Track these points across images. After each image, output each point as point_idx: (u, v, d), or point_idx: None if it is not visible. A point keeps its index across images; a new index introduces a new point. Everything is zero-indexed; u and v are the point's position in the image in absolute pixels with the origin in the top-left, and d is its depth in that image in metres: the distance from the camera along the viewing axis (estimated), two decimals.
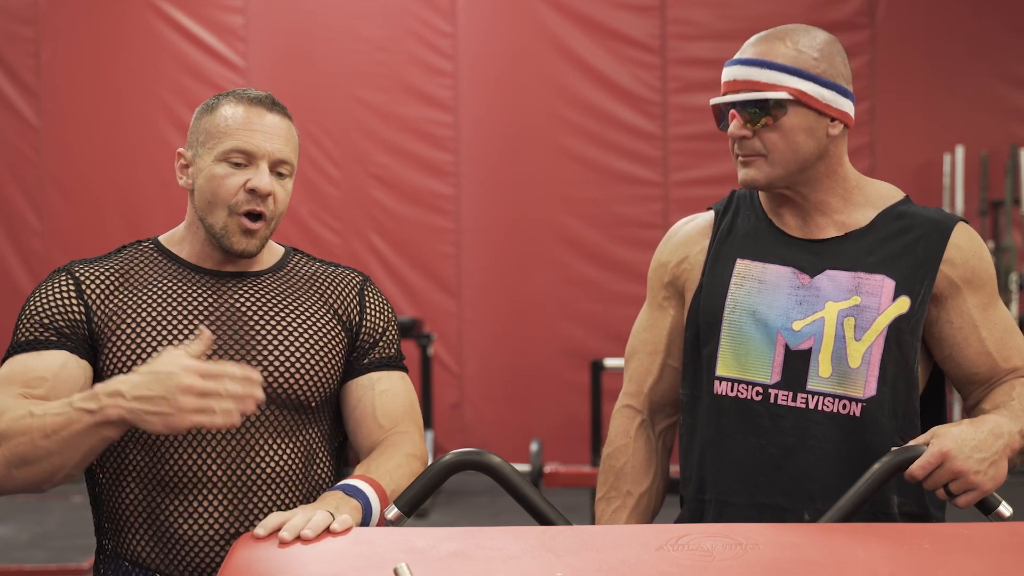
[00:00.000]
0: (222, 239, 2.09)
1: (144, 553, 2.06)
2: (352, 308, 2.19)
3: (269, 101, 2.12)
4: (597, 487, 2.32)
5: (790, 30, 2.14)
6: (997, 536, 1.78)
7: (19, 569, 5.36)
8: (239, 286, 2.13)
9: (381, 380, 2.17)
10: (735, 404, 2.16)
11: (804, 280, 2.15)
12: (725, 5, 7.67)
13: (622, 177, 7.73)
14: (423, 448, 2.13)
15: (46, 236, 7.84)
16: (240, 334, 2.08)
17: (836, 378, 2.12)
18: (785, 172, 2.13)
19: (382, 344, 2.20)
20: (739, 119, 2.11)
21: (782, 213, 2.20)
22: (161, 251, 2.16)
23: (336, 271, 2.23)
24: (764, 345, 2.15)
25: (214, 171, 2.07)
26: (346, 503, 1.87)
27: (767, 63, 2.10)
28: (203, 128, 2.10)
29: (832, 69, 2.12)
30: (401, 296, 7.75)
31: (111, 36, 7.79)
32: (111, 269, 2.12)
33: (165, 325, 2.06)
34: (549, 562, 1.67)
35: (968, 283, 2.14)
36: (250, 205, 2.07)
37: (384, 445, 2.10)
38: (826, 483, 2.11)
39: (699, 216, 2.32)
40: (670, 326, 2.29)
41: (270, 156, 2.08)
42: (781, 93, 2.08)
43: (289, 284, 2.17)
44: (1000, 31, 7.72)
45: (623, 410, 2.33)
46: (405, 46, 7.76)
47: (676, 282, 2.28)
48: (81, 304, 2.06)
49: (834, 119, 2.12)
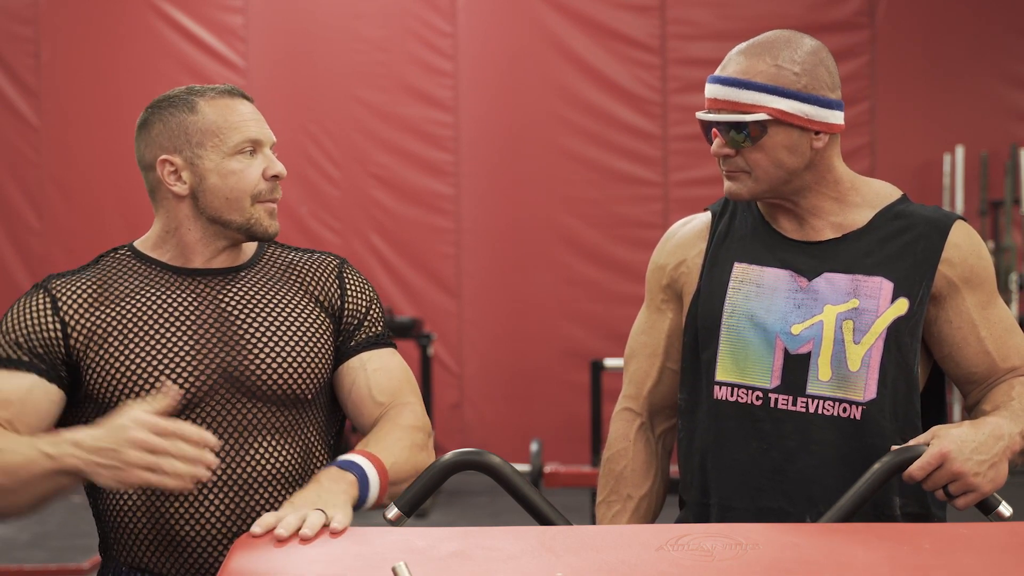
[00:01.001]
0: (252, 228, 2.09)
1: (145, 556, 2.05)
2: (332, 292, 2.18)
3: (236, 91, 2.14)
4: (597, 491, 2.32)
5: (772, 42, 2.12)
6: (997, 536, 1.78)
7: (19, 569, 5.36)
8: (221, 285, 2.11)
9: (372, 359, 2.16)
10: (735, 409, 2.16)
11: (802, 283, 2.15)
12: (725, 5, 7.67)
13: (622, 177, 7.73)
14: (422, 416, 2.12)
15: (46, 236, 7.84)
16: (228, 334, 2.07)
17: (836, 381, 2.12)
18: (769, 186, 2.13)
19: (367, 323, 2.19)
20: (721, 139, 2.12)
21: (778, 216, 2.20)
22: (139, 257, 2.14)
23: (312, 256, 2.22)
24: (763, 349, 2.15)
25: (229, 167, 2.07)
26: (342, 477, 1.88)
27: (745, 83, 2.08)
28: (193, 128, 2.07)
29: (815, 82, 2.09)
30: (401, 296, 7.75)
31: (111, 36, 7.79)
32: (89, 282, 2.09)
33: (151, 335, 2.04)
34: (549, 562, 1.66)
35: (967, 282, 2.13)
36: (272, 193, 2.11)
37: (383, 419, 2.09)
38: (828, 486, 2.11)
39: (696, 218, 2.32)
40: (668, 328, 2.29)
41: (270, 141, 2.12)
42: (760, 115, 2.07)
43: (269, 277, 2.16)
44: (1000, 31, 7.72)
45: (622, 413, 2.33)
46: (405, 46, 7.76)
47: (674, 285, 2.28)
48: (58, 323, 2.04)
49: (819, 132, 2.11)
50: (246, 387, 2.05)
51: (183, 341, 2.04)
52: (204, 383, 2.03)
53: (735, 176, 2.13)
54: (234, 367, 2.05)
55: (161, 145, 2.10)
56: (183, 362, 2.03)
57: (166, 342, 2.04)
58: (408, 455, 2.02)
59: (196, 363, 2.04)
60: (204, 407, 2.03)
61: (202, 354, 2.05)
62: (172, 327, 2.06)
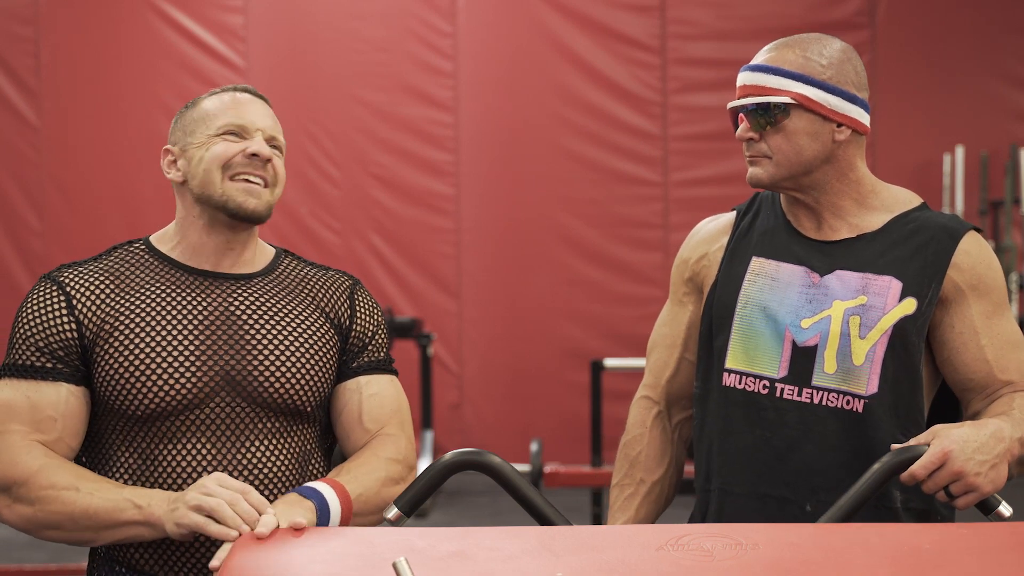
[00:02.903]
0: (227, 204, 2.07)
1: (140, 557, 2.05)
2: (343, 311, 2.18)
3: (248, 89, 2.17)
4: (613, 474, 2.39)
5: (803, 39, 2.22)
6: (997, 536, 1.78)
7: (19, 569, 5.36)
8: (232, 288, 2.12)
9: (369, 384, 2.17)
10: (742, 396, 2.22)
11: (815, 279, 2.20)
12: (725, 5, 7.67)
13: (622, 177, 7.73)
14: (407, 451, 2.12)
15: (46, 236, 7.84)
16: (235, 339, 2.07)
17: (840, 375, 2.16)
18: (789, 173, 2.19)
19: (371, 348, 2.19)
20: (746, 122, 2.20)
21: (798, 215, 2.26)
22: (153, 252, 2.14)
23: (327, 274, 2.23)
24: (773, 340, 2.20)
25: (211, 147, 2.09)
26: (299, 504, 1.88)
27: (774, 69, 2.18)
28: (189, 120, 2.13)
29: (840, 76, 2.17)
30: (401, 296, 7.75)
31: (111, 36, 7.79)
32: (102, 273, 2.10)
33: (159, 331, 2.05)
34: (549, 562, 1.67)
35: (974, 289, 2.16)
36: (246, 167, 2.08)
37: (365, 448, 2.10)
38: (829, 476, 2.15)
39: (722, 216, 2.39)
40: (688, 321, 2.35)
41: (264, 131, 2.12)
42: (784, 97, 2.16)
43: (282, 287, 2.16)
44: (1000, 31, 7.73)
45: (640, 401, 2.39)
46: (405, 46, 7.76)
47: (695, 278, 2.35)
48: (72, 321, 2.04)
49: (841, 125, 2.17)
50: (247, 392, 2.05)
51: (189, 341, 2.05)
52: (207, 384, 2.03)
53: (757, 161, 2.21)
54: (237, 371, 2.05)
55: (169, 140, 2.17)
56: (187, 362, 2.03)
57: (172, 340, 2.04)
58: (379, 488, 2.02)
59: (200, 363, 2.04)
60: (204, 408, 2.03)
61: (207, 355, 2.05)
62: (180, 326, 2.06)
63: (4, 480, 1.97)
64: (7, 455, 1.98)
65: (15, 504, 1.97)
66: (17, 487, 1.96)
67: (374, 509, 2.01)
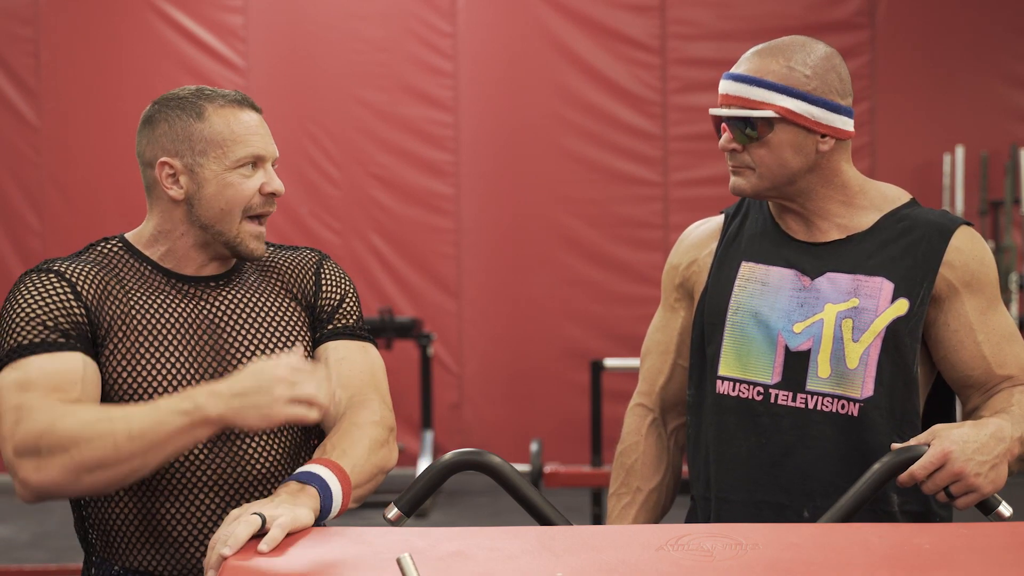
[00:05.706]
0: (237, 246, 2.08)
1: (137, 557, 2.05)
2: (308, 287, 2.18)
3: (246, 100, 2.12)
4: (609, 483, 2.38)
5: (786, 45, 2.16)
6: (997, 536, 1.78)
7: (19, 569, 5.36)
8: (211, 294, 2.11)
9: (336, 349, 2.14)
10: (736, 403, 2.20)
11: (805, 282, 2.18)
12: (725, 5, 7.67)
13: (622, 177, 7.73)
14: (383, 413, 2.07)
15: (46, 236, 7.84)
16: (218, 346, 2.08)
17: (835, 379, 2.15)
18: (772, 184, 2.17)
19: (339, 314, 2.17)
20: (729, 133, 2.17)
21: (786, 218, 2.24)
22: (134, 254, 2.11)
23: (293, 254, 2.21)
24: (765, 346, 2.18)
25: (228, 179, 2.05)
26: (302, 491, 1.85)
27: (757, 80, 2.14)
28: (197, 136, 2.05)
29: (824, 86, 2.14)
30: (401, 296, 7.75)
31: (111, 36, 7.79)
32: (96, 269, 2.06)
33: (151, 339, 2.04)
34: (549, 562, 1.67)
35: (967, 286, 2.15)
36: (264, 208, 2.09)
37: (342, 418, 2.05)
38: (825, 481, 2.14)
39: (711, 220, 2.37)
40: (681, 327, 2.34)
41: (273, 156, 2.11)
42: (767, 112, 2.12)
43: (254, 280, 2.16)
44: (1000, 31, 7.72)
45: (635, 408, 2.38)
46: (405, 46, 7.75)
47: (686, 284, 2.33)
48: (81, 307, 2.00)
49: (825, 136, 2.15)
50: None
51: (178, 349, 2.05)
52: None
53: (740, 172, 2.19)
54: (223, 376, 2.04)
55: (163, 147, 2.08)
56: (175, 370, 2.04)
57: (163, 348, 2.04)
58: (367, 455, 1.98)
59: (190, 370, 2.05)
60: None
61: (196, 363, 2.06)
62: (169, 334, 2.06)
63: (27, 439, 1.84)
64: (26, 415, 1.85)
65: (47, 459, 1.82)
66: (44, 438, 1.83)
67: (368, 478, 1.98)
